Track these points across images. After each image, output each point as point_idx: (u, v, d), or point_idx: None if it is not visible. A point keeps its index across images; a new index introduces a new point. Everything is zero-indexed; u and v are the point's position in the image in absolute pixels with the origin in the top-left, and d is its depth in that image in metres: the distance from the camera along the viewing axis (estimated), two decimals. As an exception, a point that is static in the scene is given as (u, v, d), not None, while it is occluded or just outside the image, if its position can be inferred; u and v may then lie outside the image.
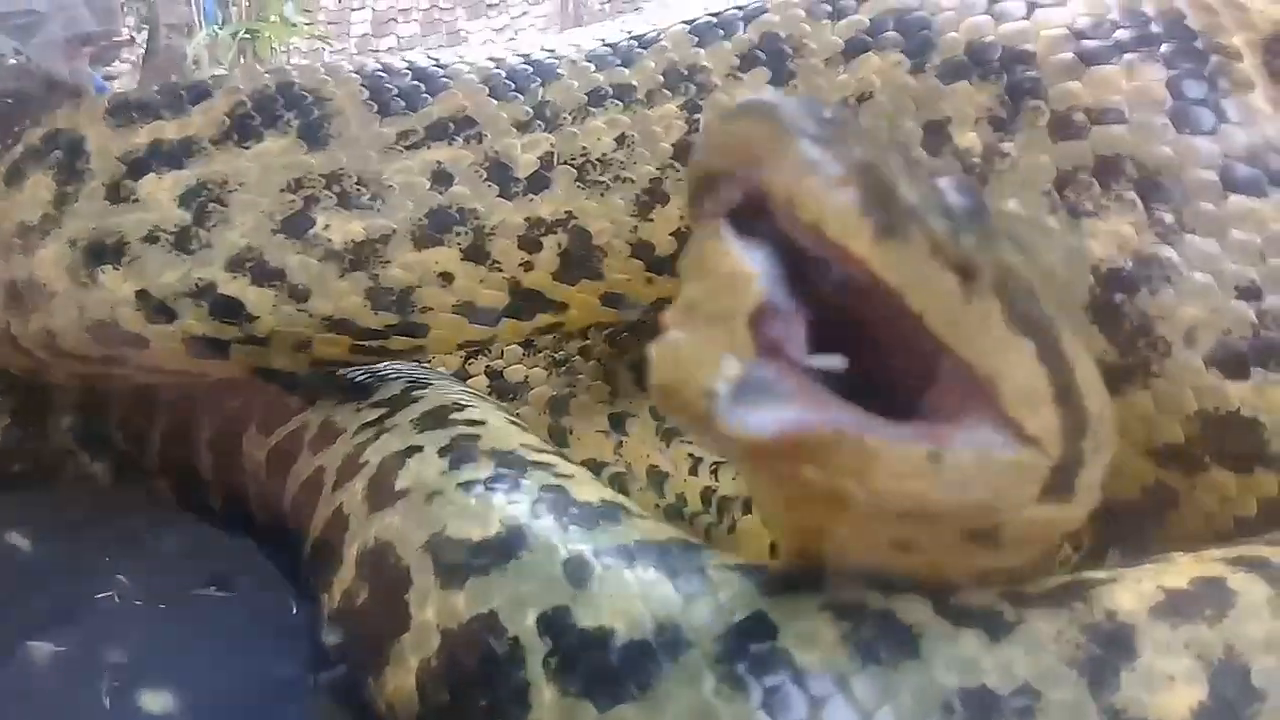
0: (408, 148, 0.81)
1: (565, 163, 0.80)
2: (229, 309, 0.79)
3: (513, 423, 0.75)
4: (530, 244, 0.80)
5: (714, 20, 0.81)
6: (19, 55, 2.53)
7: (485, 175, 0.80)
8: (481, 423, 0.72)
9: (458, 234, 0.79)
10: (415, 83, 0.83)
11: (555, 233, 0.80)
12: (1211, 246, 0.60)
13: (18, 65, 2.43)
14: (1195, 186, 0.61)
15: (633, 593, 0.52)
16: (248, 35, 5.51)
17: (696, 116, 0.79)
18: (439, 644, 0.56)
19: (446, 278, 0.79)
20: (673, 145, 0.79)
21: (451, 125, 0.81)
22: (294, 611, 0.73)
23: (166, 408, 0.93)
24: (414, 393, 0.80)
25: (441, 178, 0.80)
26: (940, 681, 0.47)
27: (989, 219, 0.44)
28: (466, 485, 0.62)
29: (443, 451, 0.67)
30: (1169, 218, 0.61)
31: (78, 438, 0.98)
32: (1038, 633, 0.49)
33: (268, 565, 0.77)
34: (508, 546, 0.57)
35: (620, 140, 0.80)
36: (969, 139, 0.68)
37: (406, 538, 0.61)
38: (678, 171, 0.77)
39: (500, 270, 0.80)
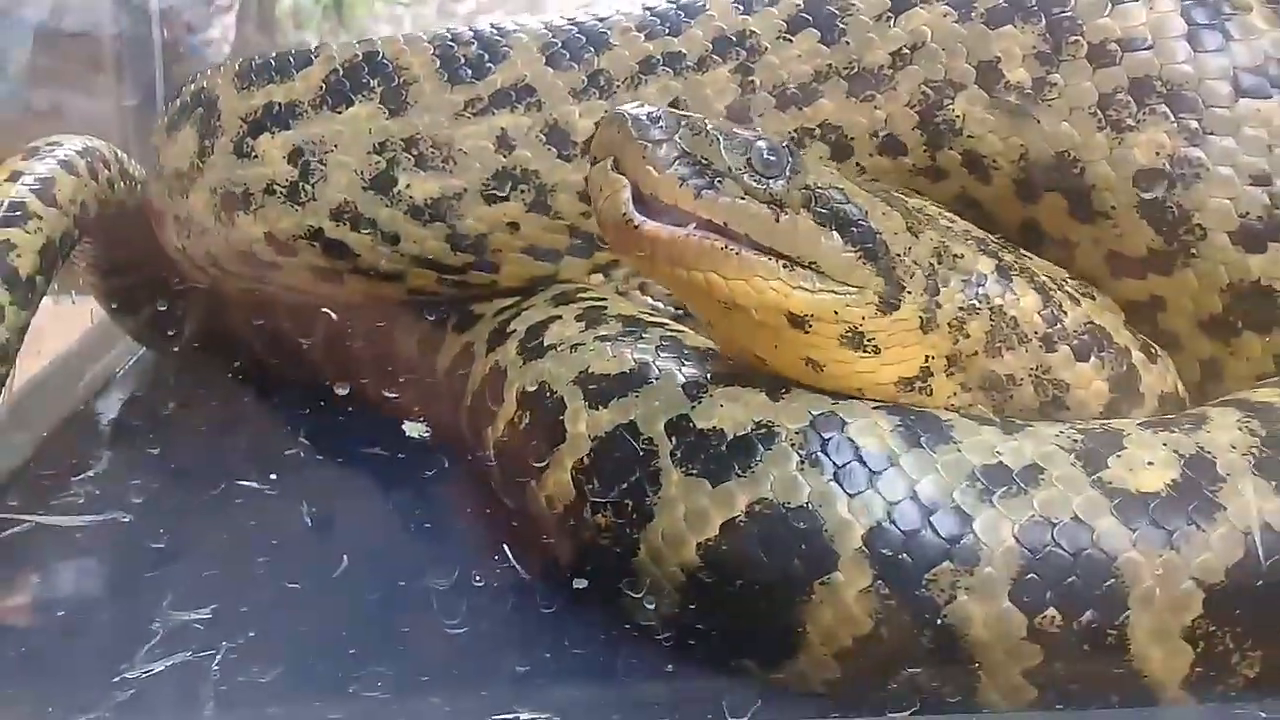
0: (475, 114, 0.92)
1: None
2: (337, 249, 0.93)
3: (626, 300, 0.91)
4: (587, 198, 0.86)
5: None
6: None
7: (546, 138, 0.91)
8: (603, 299, 0.88)
9: (522, 191, 0.91)
10: (487, 46, 0.92)
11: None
12: (1229, 143, 0.73)
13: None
14: (1211, 95, 0.74)
15: (735, 401, 0.68)
16: (332, 1, 5.62)
17: (750, 79, 0.87)
18: (590, 448, 0.73)
19: (514, 227, 0.92)
20: (725, 109, 0.88)
21: (515, 93, 0.91)
22: (444, 465, 0.90)
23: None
24: (539, 289, 0.95)
25: (502, 144, 0.91)
26: (968, 459, 0.63)
27: (796, 162, 0.66)
28: (602, 338, 0.80)
29: (579, 318, 0.85)
30: (1194, 124, 0.74)
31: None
32: (1043, 431, 0.66)
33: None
34: (640, 377, 0.74)
35: (674, 103, 0.88)
36: (1019, 74, 0.79)
37: (559, 376, 0.78)
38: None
39: (561, 219, 0.91)
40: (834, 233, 0.66)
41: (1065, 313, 0.74)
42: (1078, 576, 0.61)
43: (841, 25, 0.86)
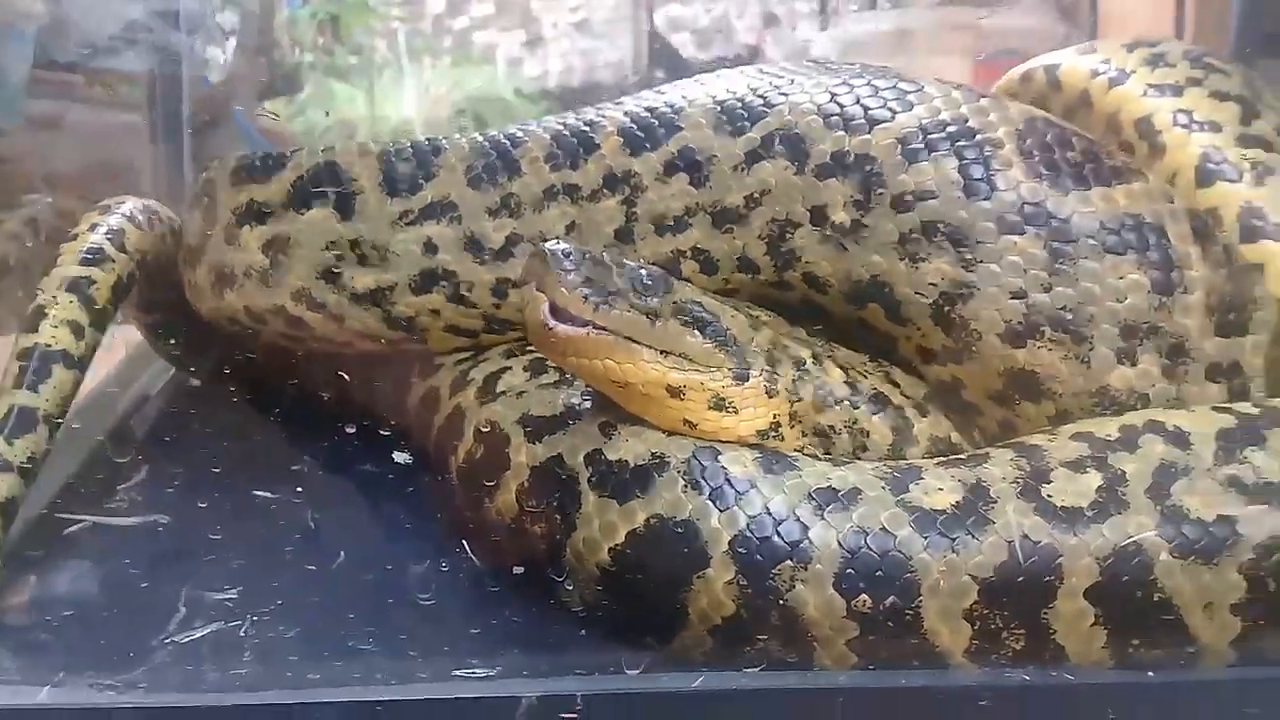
0: (408, 224, 1.12)
1: (528, 239, 1.08)
2: (297, 323, 1.16)
3: None
4: (499, 294, 1.10)
5: (642, 137, 1.06)
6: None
7: (464, 247, 1.11)
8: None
9: (443, 286, 1.12)
10: (421, 162, 1.13)
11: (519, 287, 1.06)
12: (994, 268, 0.94)
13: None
14: (980, 233, 0.95)
15: (642, 440, 0.91)
16: (327, 17, 5.76)
17: (634, 210, 1.07)
18: (528, 474, 0.94)
19: (436, 313, 1.13)
20: (614, 232, 1.07)
21: (440, 207, 1.12)
22: (422, 481, 1.11)
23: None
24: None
25: (429, 248, 1.12)
26: (807, 483, 0.85)
27: (667, 284, 0.90)
28: (542, 386, 1.02)
29: (526, 368, 1.08)
30: (968, 255, 0.95)
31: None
32: (862, 465, 0.89)
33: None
34: (567, 419, 0.96)
35: (570, 228, 1.09)
36: (841, 216, 0.99)
37: (506, 417, 1.00)
38: (620, 252, 1.01)
39: (476, 308, 1.12)
40: (695, 332, 0.89)
41: (860, 383, 0.98)
42: (883, 571, 0.82)
43: (706, 172, 1.05)
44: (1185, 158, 1.21)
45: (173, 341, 1.45)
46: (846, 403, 0.96)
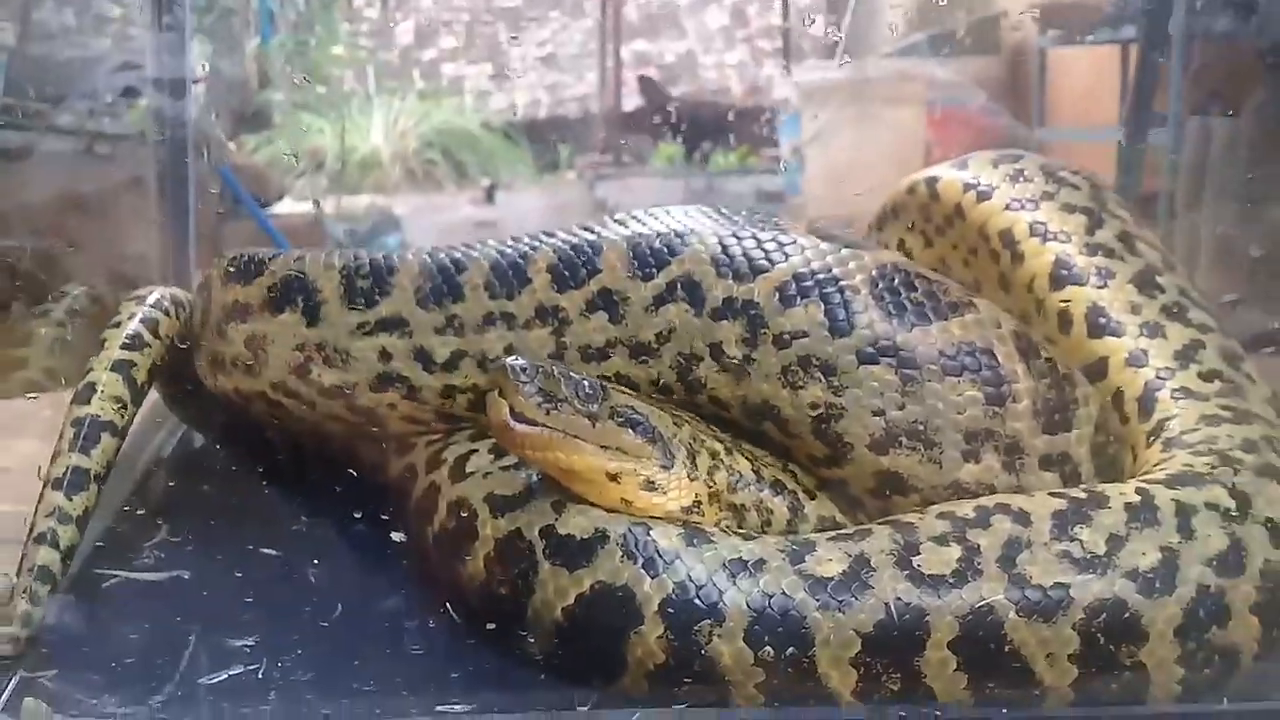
0: (365, 334, 1.29)
1: (471, 358, 1.25)
2: (277, 407, 1.34)
3: None
4: (446, 395, 1.28)
5: (568, 275, 1.23)
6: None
7: (414, 357, 1.28)
8: None
9: (398, 387, 1.29)
10: (377, 280, 1.29)
11: (464, 393, 1.27)
12: (858, 392, 1.13)
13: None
14: (844, 364, 1.13)
15: (587, 517, 1.09)
16: (295, 46, 5.92)
17: (563, 339, 1.24)
18: (494, 546, 1.11)
19: (393, 407, 1.30)
20: (546, 356, 1.23)
21: (392, 322, 1.28)
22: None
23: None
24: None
25: (384, 356, 1.29)
26: (721, 554, 1.04)
27: (605, 393, 1.07)
28: (504, 467, 1.19)
29: (490, 449, 1.24)
30: (835, 383, 1.13)
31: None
32: (767, 540, 1.09)
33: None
34: (526, 497, 1.13)
35: (508, 349, 1.24)
36: (735, 351, 1.17)
37: (474, 495, 1.17)
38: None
39: (427, 405, 1.29)
40: (628, 429, 1.08)
41: (763, 471, 1.18)
42: (783, 628, 1.01)
43: (622, 311, 1.23)
44: (1041, 264, 1.41)
45: (187, 407, 1.63)
46: (753, 486, 1.16)
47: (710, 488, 1.13)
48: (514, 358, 1.05)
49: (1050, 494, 1.12)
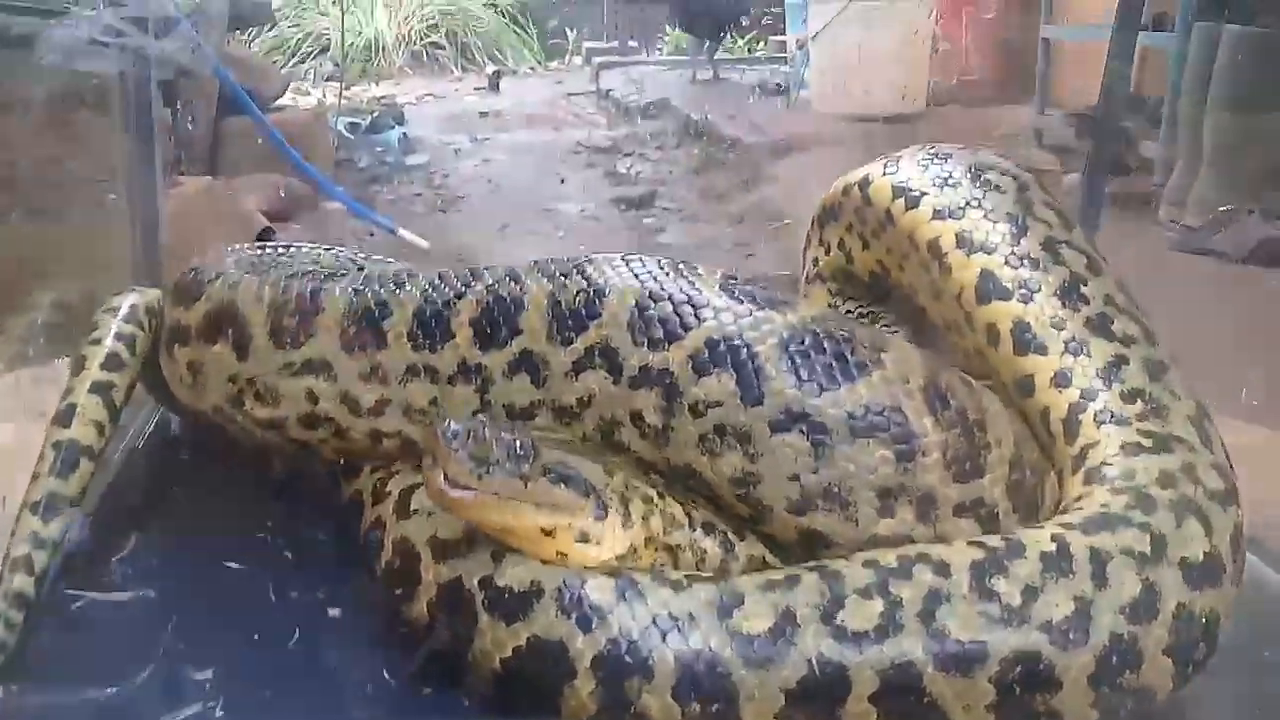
0: (292, 374, 1.32)
1: (397, 406, 1.28)
2: (218, 429, 1.39)
3: None
4: (375, 439, 1.31)
5: (490, 334, 1.24)
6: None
7: (341, 401, 1.30)
8: None
9: (325, 426, 1.32)
10: (303, 320, 1.31)
11: (392, 438, 1.30)
12: (772, 459, 1.15)
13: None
14: (758, 433, 1.15)
15: (524, 568, 1.12)
16: None
17: (487, 397, 1.25)
18: (435, 591, 1.15)
19: (324, 441, 1.33)
20: (471, 413, 1.24)
21: (318, 365, 1.30)
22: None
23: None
24: None
25: (311, 398, 1.31)
26: (652, 612, 1.08)
27: (536, 451, 1.08)
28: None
29: None
30: (751, 451, 1.15)
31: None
32: (698, 593, 1.10)
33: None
34: (468, 545, 1.16)
35: (433, 403, 1.27)
36: (653, 418, 1.18)
37: (419, 537, 1.20)
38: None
39: (356, 441, 1.32)
40: (561, 485, 1.10)
41: (694, 514, 1.21)
42: (710, 683, 1.05)
43: (544, 375, 1.23)
44: (967, 277, 1.40)
45: (165, 391, 1.62)
46: (685, 528, 1.19)
47: (646, 533, 1.16)
48: (446, 423, 1.06)
49: (970, 543, 1.15)
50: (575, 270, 1.26)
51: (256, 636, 1.27)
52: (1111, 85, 2.49)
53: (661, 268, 1.24)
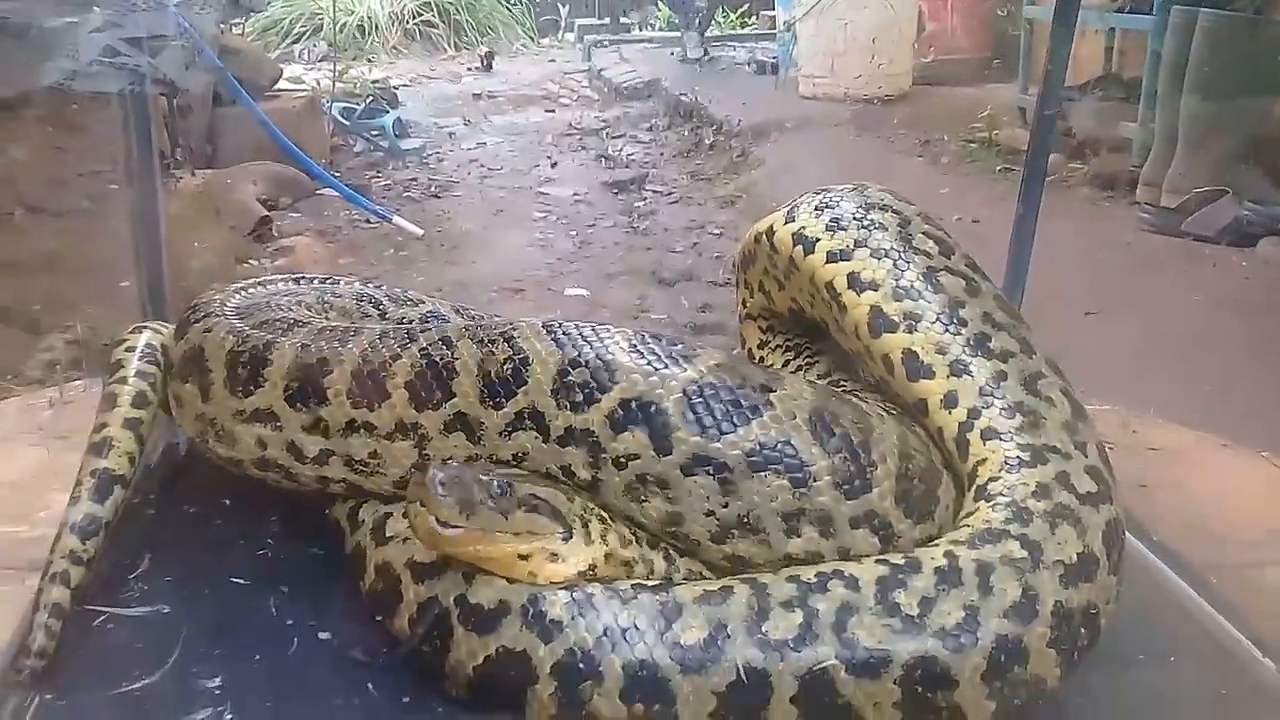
0: (244, 421, 1.47)
1: (339, 456, 1.42)
2: (199, 451, 1.54)
3: None
4: (323, 483, 1.45)
5: (424, 396, 1.38)
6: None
7: (287, 450, 1.45)
8: None
9: (276, 470, 1.47)
10: (253, 370, 1.45)
11: (338, 484, 1.45)
12: (689, 500, 1.32)
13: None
14: (673, 479, 1.31)
15: (492, 587, 1.28)
16: None
17: (425, 452, 1.38)
18: (416, 608, 1.31)
19: (278, 480, 1.48)
20: (410, 466, 1.39)
21: (265, 414, 1.45)
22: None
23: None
24: None
25: (261, 444, 1.47)
26: (604, 623, 1.23)
27: (512, 489, 1.24)
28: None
29: (404, 515, 1.32)
30: (671, 494, 1.32)
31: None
32: (645, 605, 1.25)
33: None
34: (442, 567, 1.31)
35: (373, 455, 1.41)
36: (584, 474, 1.34)
37: (397, 560, 1.36)
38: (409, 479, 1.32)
39: (308, 481, 1.47)
40: (536, 513, 1.26)
41: (637, 534, 1.36)
42: (651, 688, 1.21)
43: (479, 434, 1.38)
44: (860, 315, 1.53)
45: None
46: (635, 544, 1.35)
47: (605, 549, 1.31)
48: (432, 472, 1.22)
49: (877, 560, 1.31)
50: (502, 339, 1.40)
51: (260, 648, 1.42)
52: (1052, 71, 2.58)
53: (580, 331, 1.40)
